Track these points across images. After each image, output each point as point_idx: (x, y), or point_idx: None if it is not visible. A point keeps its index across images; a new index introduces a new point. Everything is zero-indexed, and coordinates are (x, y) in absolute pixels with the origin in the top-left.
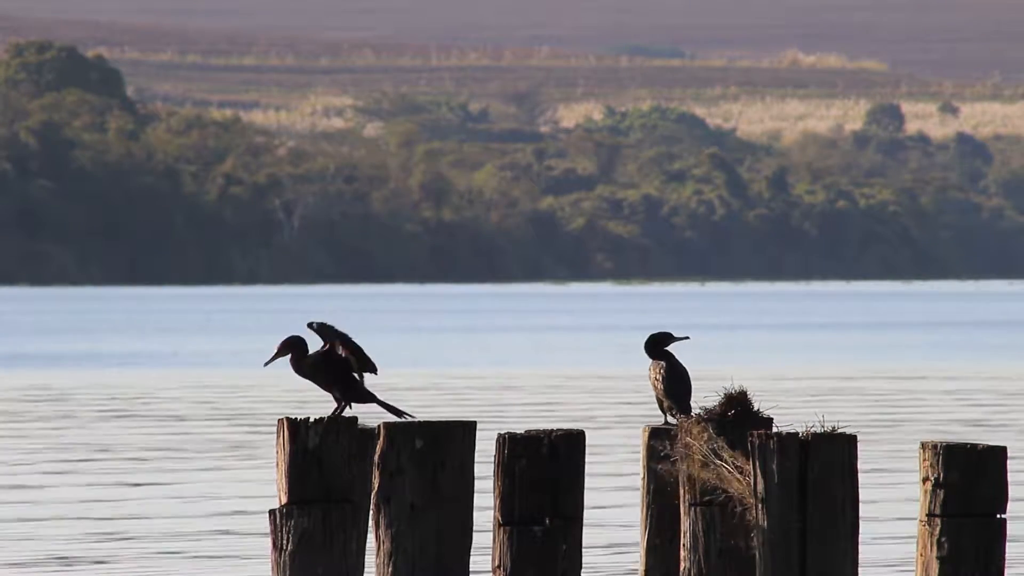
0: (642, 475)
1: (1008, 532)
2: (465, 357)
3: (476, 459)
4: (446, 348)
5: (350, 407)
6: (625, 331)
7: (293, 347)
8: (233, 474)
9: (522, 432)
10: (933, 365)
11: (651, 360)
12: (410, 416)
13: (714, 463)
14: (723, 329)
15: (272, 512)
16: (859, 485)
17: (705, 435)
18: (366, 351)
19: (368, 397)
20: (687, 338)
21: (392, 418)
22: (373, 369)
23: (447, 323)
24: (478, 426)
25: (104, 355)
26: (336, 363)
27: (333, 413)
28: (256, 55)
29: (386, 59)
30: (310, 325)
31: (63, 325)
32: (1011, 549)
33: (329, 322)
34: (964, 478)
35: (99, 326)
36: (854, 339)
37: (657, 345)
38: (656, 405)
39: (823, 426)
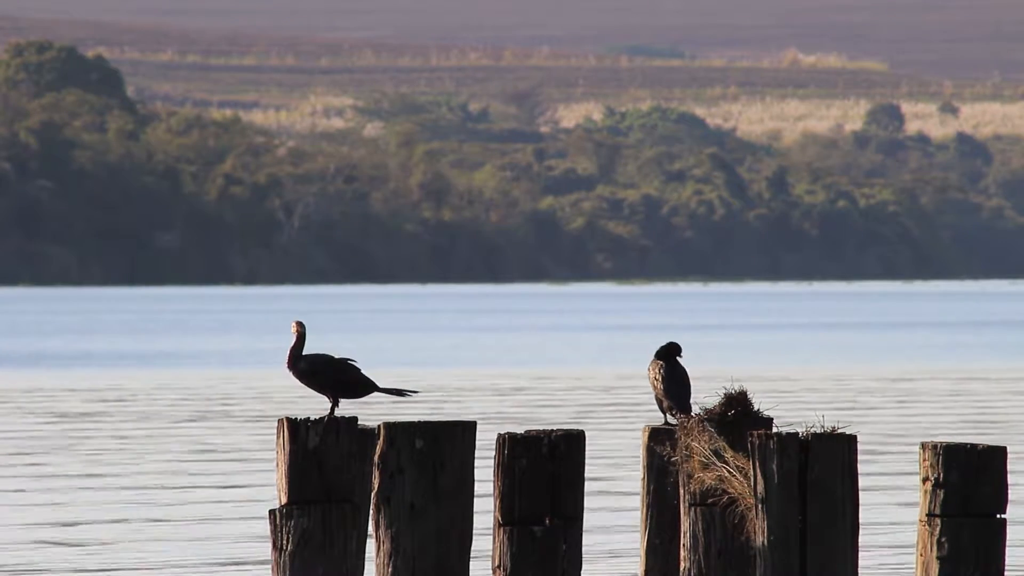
0: (642, 475)
1: (1008, 532)
2: (465, 357)
3: (476, 459)
4: (446, 348)
5: (337, 405)
6: (625, 331)
7: (300, 333)
8: (232, 473)
9: (522, 432)
10: (933, 365)
11: (651, 360)
12: (414, 392)
13: (715, 464)
14: (723, 329)
15: (272, 512)
16: (859, 485)
17: (707, 435)
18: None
19: (365, 389)
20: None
21: (393, 417)
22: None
23: (447, 323)
24: (478, 426)
25: (104, 355)
26: (326, 368)
27: (329, 414)
28: (256, 55)
29: (386, 59)
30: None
31: (63, 325)
32: (1011, 549)
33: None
34: (964, 478)
35: (99, 326)
36: (854, 339)
37: (669, 355)
38: (656, 405)
39: (823, 426)
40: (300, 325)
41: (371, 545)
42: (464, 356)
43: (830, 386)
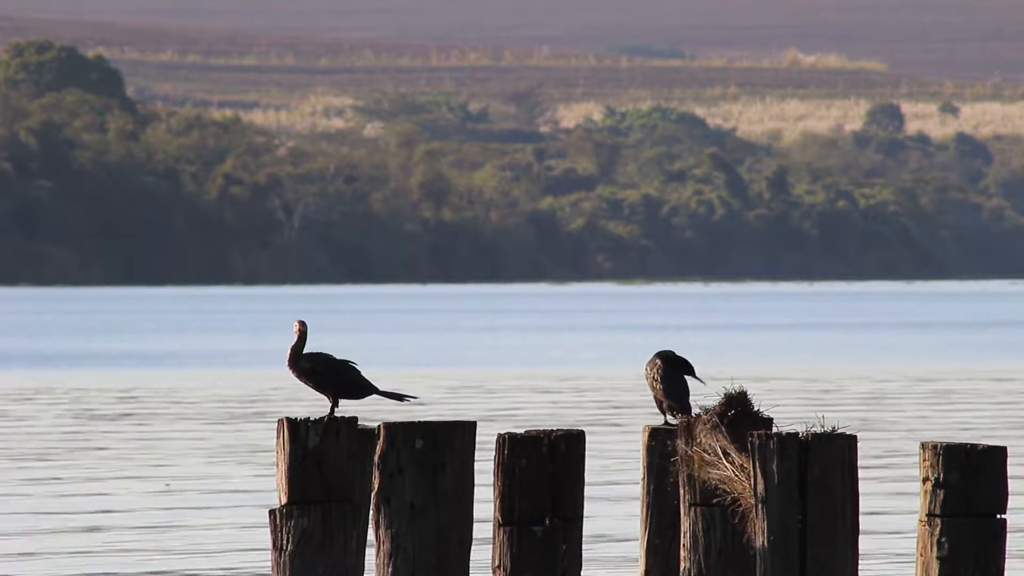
0: (642, 475)
1: (1008, 532)
2: (465, 357)
3: (476, 459)
4: (446, 348)
5: (337, 405)
6: (625, 331)
7: (302, 332)
8: (233, 473)
9: (522, 432)
10: (933, 365)
11: (649, 360)
12: (414, 398)
13: (721, 462)
14: (723, 329)
15: (272, 512)
16: (859, 485)
17: (717, 434)
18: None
19: (366, 390)
20: (703, 383)
21: (393, 417)
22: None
23: (447, 323)
24: (478, 426)
25: (103, 356)
26: (325, 364)
27: (328, 414)
28: (256, 55)
29: (386, 59)
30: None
31: (62, 325)
32: (1011, 549)
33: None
34: (964, 478)
35: (99, 326)
36: (854, 339)
37: (676, 364)
38: (655, 406)
39: (823, 426)
40: (302, 324)
41: (371, 545)
42: (464, 356)
43: (830, 386)
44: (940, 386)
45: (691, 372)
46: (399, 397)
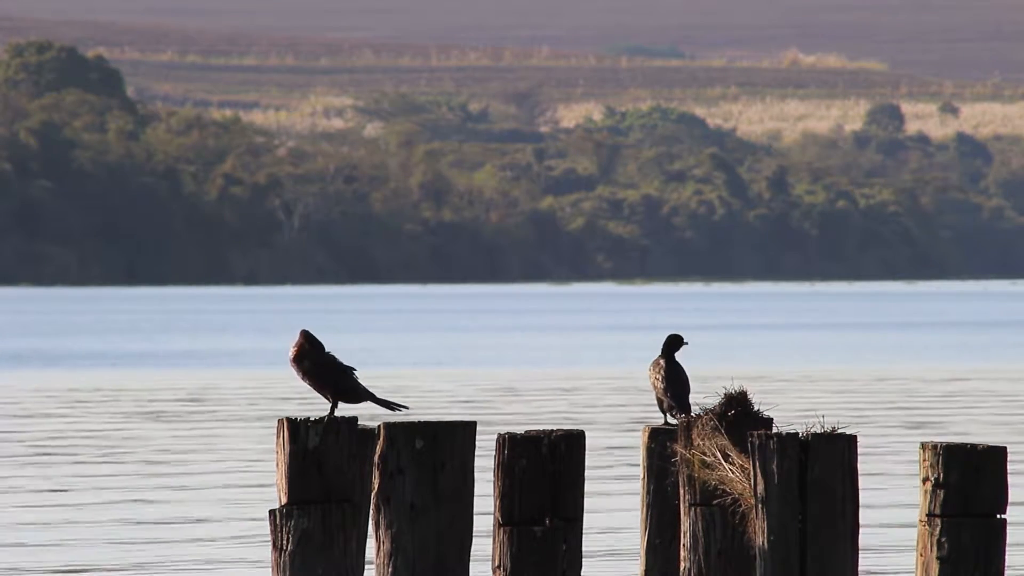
0: (642, 475)
1: (1008, 532)
2: (465, 357)
3: (476, 459)
4: (446, 348)
5: (336, 405)
6: (625, 331)
7: (308, 339)
8: (232, 473)
9: (522, 432)
10: (933, 365)
11: (653, 360)
12: (404, 408)
13: (718, 463)
14: (723, 329)
15: (272, 512)
16: (859, 485)
17: (716, 436)
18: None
19: (361, 396)
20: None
21: (392, 417)
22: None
23: (447, 323)
24: (478, 426)
25: (102, 355)
26: (326, 367)
27: (329, 414)
28: (256, 55)
29: (386, 59)
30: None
31: (61, 326)
32: (1011, 549)
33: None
34: (964, 478)
35: (98, 326)
36: (854, 339)
37: (672, 346)
38: (656, 405)
39: (823, 426)
40: (304, 336)
41: (371, 545)
42: (464, 356)
43: (831, 386)
44: (940, 386)
45: (680, 344)
46: (392, 406)
